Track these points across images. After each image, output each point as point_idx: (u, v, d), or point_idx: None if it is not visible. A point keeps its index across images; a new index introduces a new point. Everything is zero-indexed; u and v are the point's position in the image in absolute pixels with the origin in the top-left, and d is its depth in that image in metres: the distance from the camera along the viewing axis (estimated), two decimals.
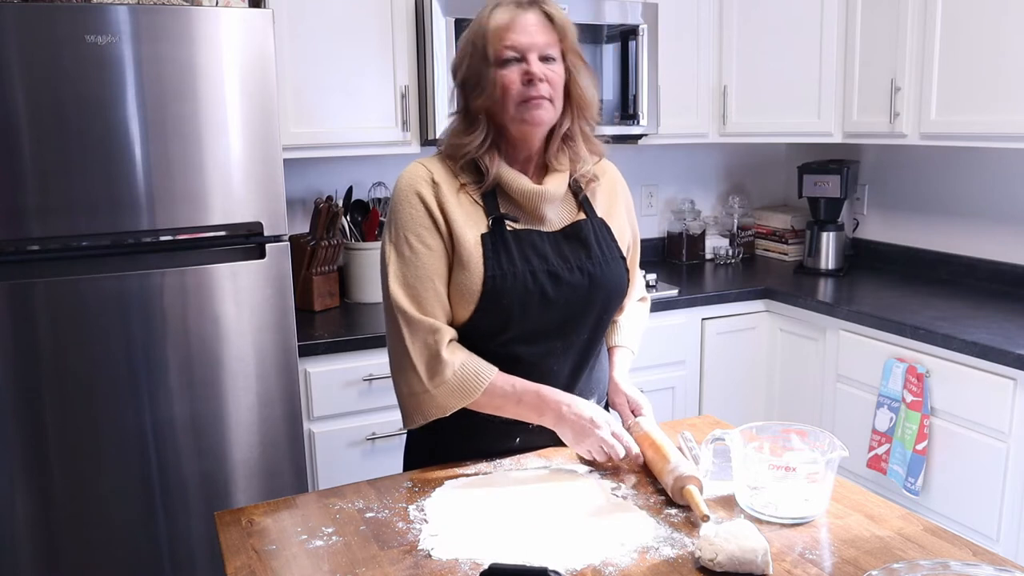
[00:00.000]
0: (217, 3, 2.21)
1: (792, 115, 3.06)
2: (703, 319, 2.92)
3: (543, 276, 1.44)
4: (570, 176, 1.51)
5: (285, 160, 2.21)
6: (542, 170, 1.51)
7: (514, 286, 1.42)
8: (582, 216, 1.53)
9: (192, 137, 2.06)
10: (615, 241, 1.55)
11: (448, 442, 1.52)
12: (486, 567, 1.08)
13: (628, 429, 1.54)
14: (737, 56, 3.09)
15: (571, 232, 1.50)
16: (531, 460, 1.49)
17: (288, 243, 2.21)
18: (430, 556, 1.18)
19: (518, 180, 1.46)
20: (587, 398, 1.55)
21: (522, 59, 1.40)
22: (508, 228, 1.45)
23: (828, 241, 3.20)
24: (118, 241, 2.04)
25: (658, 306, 2.80)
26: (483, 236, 1.44)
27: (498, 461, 1.48)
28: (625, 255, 1.57)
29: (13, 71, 1.89)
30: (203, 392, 2.16)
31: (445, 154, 1.49)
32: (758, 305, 3.00)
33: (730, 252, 3.49)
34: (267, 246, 2.18)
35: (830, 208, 3.23)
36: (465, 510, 1.30)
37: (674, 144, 3.30)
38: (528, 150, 1.48)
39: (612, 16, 2.78)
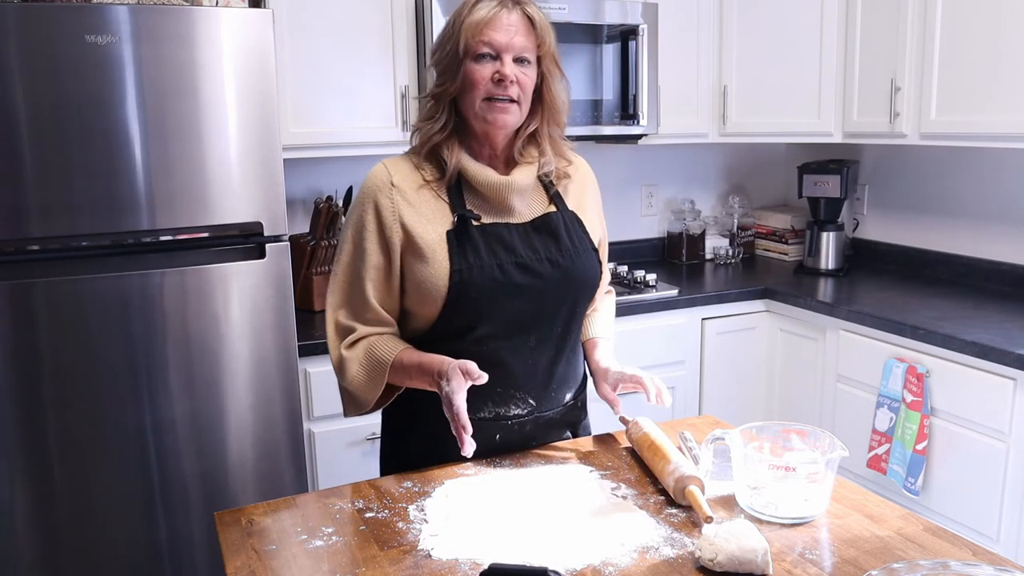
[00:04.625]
0: (217, 3, 2.21)
1: (792, 115, 3.06)
2: (703, 319, 2.92)
3: (511, 268, 1.44)
4: (538, 169, 1.50)
5: (285, 160, 2.21)
6: (509, 164, 1.51)
7: (482, 279, 1.42)
8: (552, 208, 1.53)
9: (192, 137, 2.06)
10: (586, 233, 1.55)
11: (426, 442, 1.51)
12: (486, 567, 1.08)
13: (627, 431, 1.54)
14: (737, 56, 3.09)
15: (541, 224, 1.50)
16: (531, 460, 1.49)
17: (288, 243, 2.21)
18: (430, 556, 1.18)
19: (483, 172, 1.46)
20: (563, 391, 1.56)
21: (496, 57, 1.40)
22: (475, 224, 1.45)
23: (828, 241, 3.20)
24: (118, 241, 2.04)
25: (658, 306, 2.80)
26: (448, 233, 1.44)
27: (498, 461, 1.48)
28: (596, 247, 1.57)
29: (13, 71, 1.89)
30: (203, 392, 2.16)
31: (412, 150, 1.52)
32: (758, 305, 3.00)
33: (730, 252, 3.48)
34: (267, 246, 2.18)
35: (830, 208, 3.23)
36: (465, 510, 1.30)
37: (674, 144, 3.30)
38: (492, 147, 1.49)
39: (612, 16, 2.78)
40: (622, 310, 2.73)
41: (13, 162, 1.92)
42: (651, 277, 2.91)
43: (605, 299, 1.76)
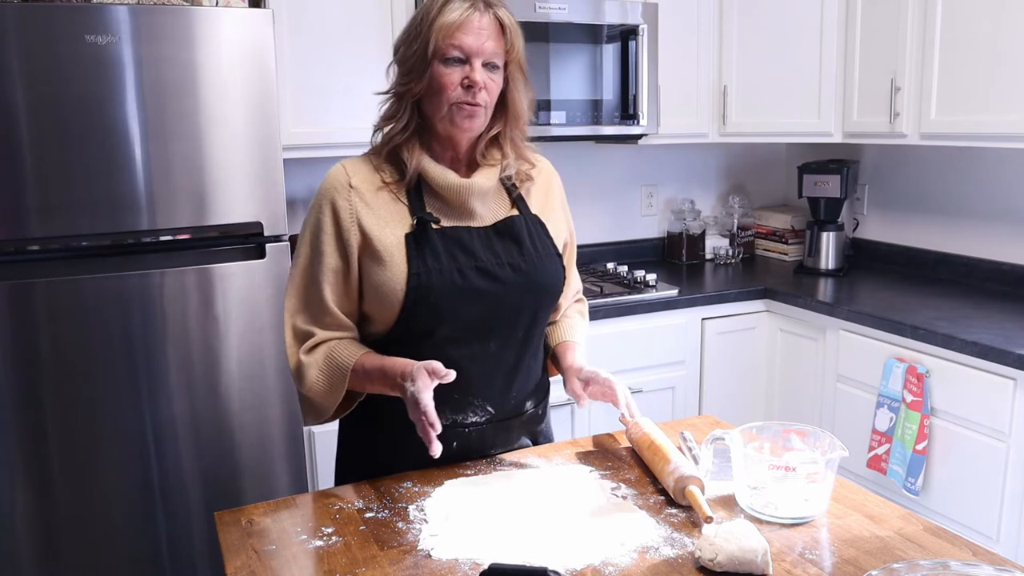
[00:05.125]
0: (217, 3, 2.21)
1: (792, 115, 3.06)
2: (703, 319, 2.92)
3: (471, 272, 1.41)
4: (500, 172, 1.47)
5: (285, 160, 2.22)
6: (470, 166, 1.48)
7: (441, 283, 1.39)
8: (515, 212, 1.49)
9: (192, 137, 2.06)
10: (550, 238, 1.52)
11: (382, 451, 1.49)
12: (486, 567, 1.08)
13: (627, 431, 1.54)
14: (737, 56, 3.09)
15: (503, 228, 1.47)
16: (531, 460, 1.49)
17: (288, 243, 2.21)
18: (430, 556, 1.18)
19: (444, 175, 1.43)
20: (522, 399, 1.53)
21: (465, 61, 1.37)
22: (434, 227, 1.42)
23: (828, 241, 3.20)
24: (118, 241, 2.05)
25: (658, 306, 2.80)
26: (407, 236, 1.41)
27: (498, 461, 1.48)
28: (561, 252, 1.54)
29: (13, 71, 1.89)
30: (203, 392, 2.16)
31: (372, 151, 1.49)
32: (758, 305, 3.00)
33: (730, 252, 3.48)
34: (267, 246, 2.18)
35: (830, 208, 3.23)
36: (465, 510, 1.30)
37: (674, 144, 3.30)
38: (454, 149, 1.46)
39: (612, 16, 2.78)
40: (622, 310, 2.73)
41: (13, 162, 1.92)
42: (651, 277, 2.91)
43: (575, 307, 1.70)
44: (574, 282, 1.69)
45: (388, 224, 1.42)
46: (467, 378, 1.43)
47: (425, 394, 1.29)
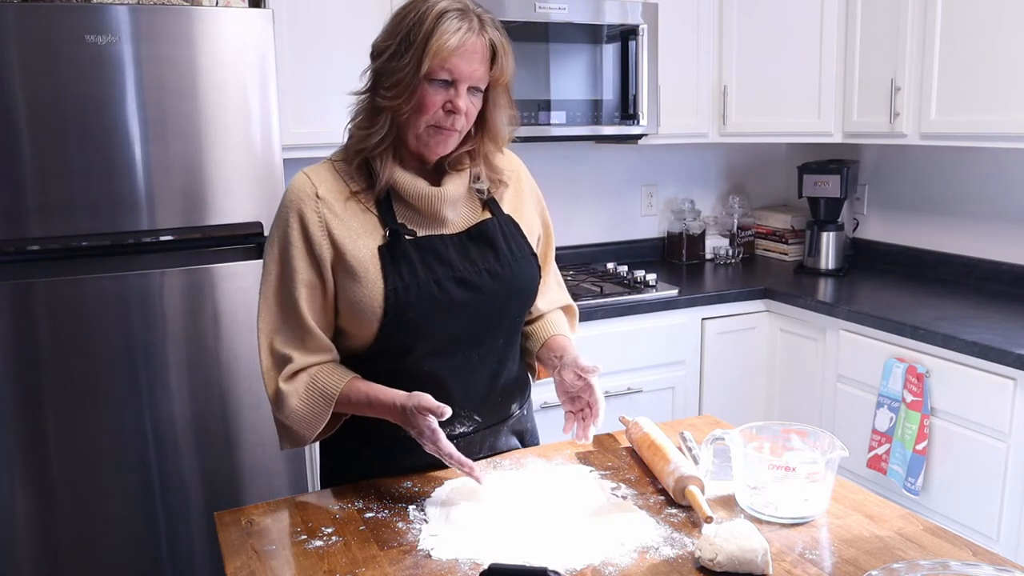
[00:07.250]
0: (217, 3, 2.21)
1: (792, 115, 3.06)
2: (703, 319, 2.92)
3: (449, 283, 1.37)
4: (470, 178, 1.44)
5: (285, 160, 2.22)
6: (438, 171, 1.43)
7: (419, 297, 1.34)
8: (487, 215, 1.45)
9: (192, 137, 2.06)
10: (524, 238, 1.48)
11: (368, 458, 1.47)
12: (486, 567, 1.08)
13: (627, 431, 1.54)
14: (737, 56, 3.09)
15: (476, 233, 1.42)
16: (531, 460, 1.49)
17: None
18: (430, 556, 1.18)
19: (415, 184, 1.38)
20: (508, 403, 1.51)
21: (451, 83, 1.32)
22: (408, 238, 1.37)
23: (828, 241, 3.20)
24: (118, 241, 2.05)
25: (658, 306, 2.80)
26: (380, 248, 1.35)
27: (498, 461, 1.49)
28: (536, 251, 1.51)
29: (13, 71, 1.89)
30: (203, 392, 2.16)
31: (339, 157, 1.42)
32: (758, 305, 3.00)
33: (730, 252, 3.48)
34: None
35: (830, 208, 3.23)
36: (465, 510, 1.30)
37: (674, 144, 3.30)
38: (425, 161, 1.42)
39: (612, 16, 2.78)
40: (622, 310, 2.73)
41: (13, 162, 1.92)
42: (651, 277, 2.91)
43: (557, 313, 1.62)
44: (552, 283, 1.62)
45: (360, 236, 1.36)
46: (452, 390, 1.41)
47: (443, 444, 1.28)
